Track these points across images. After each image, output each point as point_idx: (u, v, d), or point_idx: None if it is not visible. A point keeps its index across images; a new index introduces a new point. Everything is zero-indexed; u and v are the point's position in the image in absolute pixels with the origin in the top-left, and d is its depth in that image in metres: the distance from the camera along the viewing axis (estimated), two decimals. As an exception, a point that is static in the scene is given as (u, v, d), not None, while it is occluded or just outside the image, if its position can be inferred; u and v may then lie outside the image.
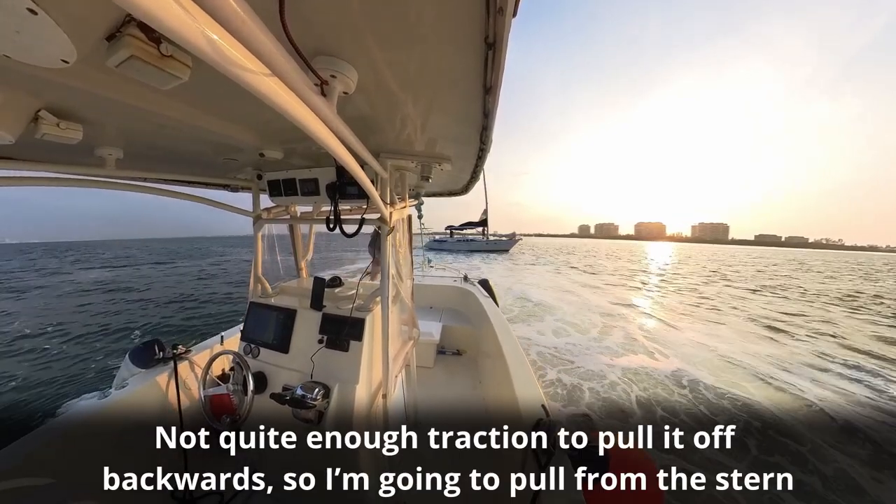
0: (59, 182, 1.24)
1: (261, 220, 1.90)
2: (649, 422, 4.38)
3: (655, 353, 6.55)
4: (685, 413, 4.49)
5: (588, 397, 4.77)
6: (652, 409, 4.54)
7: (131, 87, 0.75)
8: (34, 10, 0.42)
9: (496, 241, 39.23)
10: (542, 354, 6.22)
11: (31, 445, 1.37)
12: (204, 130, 1.10)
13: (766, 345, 7.65)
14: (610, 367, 5.76)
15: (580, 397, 4.76)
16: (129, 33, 0.49)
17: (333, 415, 1.42)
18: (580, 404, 4.59)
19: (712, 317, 10.26)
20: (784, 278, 24.55)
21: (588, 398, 4.75)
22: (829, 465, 3.43)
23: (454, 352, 3.81)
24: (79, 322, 9.48)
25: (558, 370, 5.57)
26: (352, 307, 1.57)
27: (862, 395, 5.15)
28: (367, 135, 1.22)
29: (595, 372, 5.53)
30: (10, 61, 0.53)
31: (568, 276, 18.94)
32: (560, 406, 4.51)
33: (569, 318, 9.02)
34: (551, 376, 5.33)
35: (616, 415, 4.39)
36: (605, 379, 5.29)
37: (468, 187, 2.70)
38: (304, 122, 0.57)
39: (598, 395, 4.86)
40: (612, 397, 4.79)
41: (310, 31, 0.58)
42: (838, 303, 14.50)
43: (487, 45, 0.61)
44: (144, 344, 2.00)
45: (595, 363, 5.90)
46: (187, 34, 0.33)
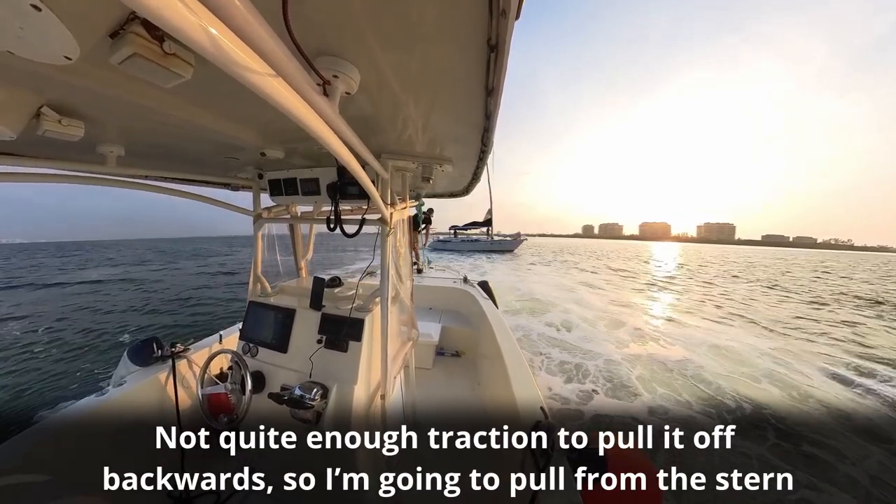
0: (60, 179, 1.24)
1: (261, 219, 1.90)
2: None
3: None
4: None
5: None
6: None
7: (134, 85, 0.75)
8: (38, 6, 0.42)
9: (501, 242, 38.89)
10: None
11: (29, 443, 1.37)
12: (205, 129, 1.10)
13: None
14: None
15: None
16: (133, 31, 0.49)
17: (332, 415, 1.41)
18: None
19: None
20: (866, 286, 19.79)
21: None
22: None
23: (453, 353, 3.81)
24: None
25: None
26: (351, 307, 1.57)
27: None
28: (369, 135, 1.22)
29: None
30: (12, 57, 0.53)
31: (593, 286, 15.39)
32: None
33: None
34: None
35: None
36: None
37: (469, 188, 2.70)
38: (305, 122, 0.57)
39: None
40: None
41: (312, 31, 0.58)
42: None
43: (490, 47, 0.61)
44: (142, 342, 2.00)
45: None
46: (190, 32, 0.33)
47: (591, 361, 6.08)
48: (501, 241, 39.29)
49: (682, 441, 1.43)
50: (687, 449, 1.44)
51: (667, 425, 4.00)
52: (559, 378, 5.41)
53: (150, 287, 15.90)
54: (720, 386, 5.31)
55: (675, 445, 1.43)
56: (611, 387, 5.18)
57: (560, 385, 5.19)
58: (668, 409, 4.60)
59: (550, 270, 21.92)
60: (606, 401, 4.79)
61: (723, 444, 1.33)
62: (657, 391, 5.08)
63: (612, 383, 5.28)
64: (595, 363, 6.02)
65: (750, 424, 4.26)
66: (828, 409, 4.73)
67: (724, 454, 3.24)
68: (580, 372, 5.66)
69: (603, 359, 6.23)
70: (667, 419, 4.36)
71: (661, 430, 1.42)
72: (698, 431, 1.35)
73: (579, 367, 5.82)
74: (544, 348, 6.72)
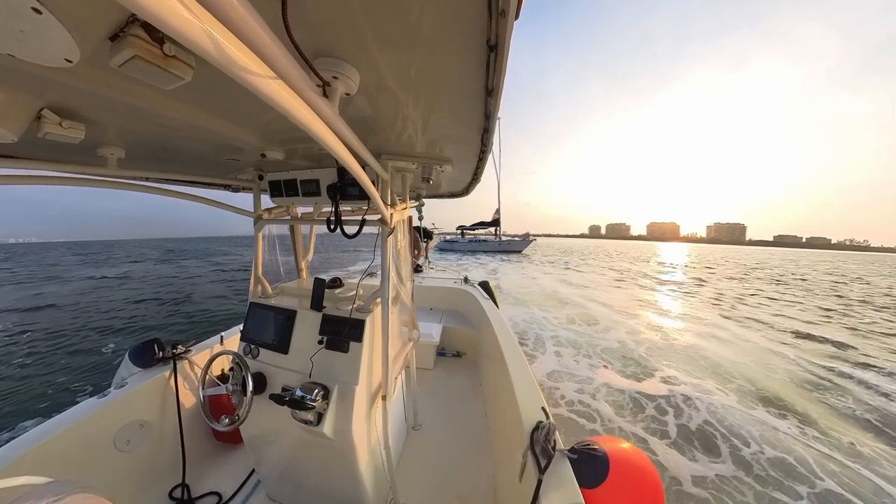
0: (61, 181, 1.24)
1: (261, 220, 1.91)
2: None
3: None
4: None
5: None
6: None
7: (134, 87, 0.75)
8: (38, 9, 0.42)
9: (509, 242, 38.57)
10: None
11: (30, 444, 1.37)
12: (206, 131, 1.10)
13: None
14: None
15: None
16: (133, 33, 0.49)
17: (332, 416, 1.41)
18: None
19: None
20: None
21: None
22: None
23: (454, 353, 3.81)
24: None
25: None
26: (352, 308, 1.57)
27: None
28: (369, 136, 1.22)
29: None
30: (13, 60, 0.53)
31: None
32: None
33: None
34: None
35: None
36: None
37: (469, 189, 2.71)
38: (305, 123, 0.57)
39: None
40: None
41: (312, 33, 0.58)
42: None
43: (489, 47, 0.61)
44: (144, 343, 2.00)
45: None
46: (190, 34, 0.33)
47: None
48: (510, 241, 38.99)
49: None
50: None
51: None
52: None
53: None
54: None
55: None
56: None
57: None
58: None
59: (592, 280, 18.08)
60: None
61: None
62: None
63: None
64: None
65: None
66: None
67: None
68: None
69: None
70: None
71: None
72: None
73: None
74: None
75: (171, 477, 1.89)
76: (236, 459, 2.15)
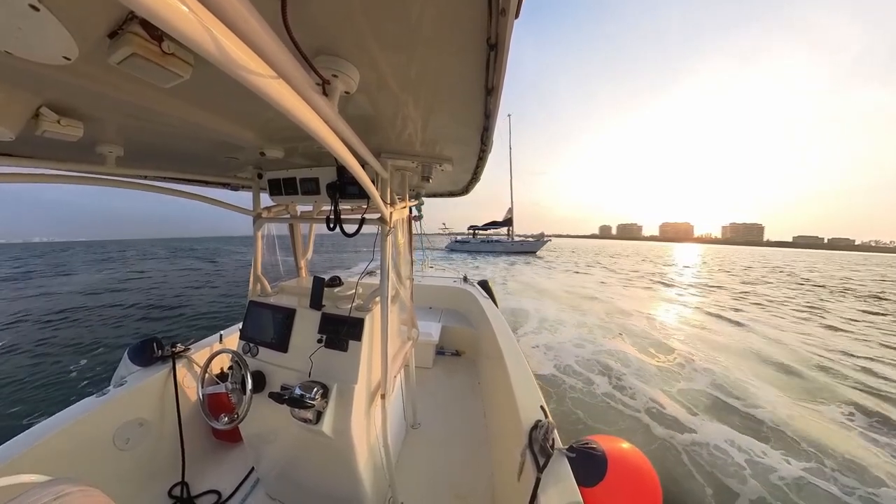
0: (59, 179, 1.24)
1: (261, 218, 1.90)
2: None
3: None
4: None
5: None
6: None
7: (132, 85, 0.75)
8: (36, 6, 0.42)
9: (522, 243, 37.14)
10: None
11: (29, 442, 1.37)
12: (205, 129, 1.10)
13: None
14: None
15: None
16: (132, 31, 0.49)
17: (332, 414, 1.41)
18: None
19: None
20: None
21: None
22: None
23: (453, 352, 3.81)
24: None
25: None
26: (351, 307, 1.57)
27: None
28: (368, 135, 1.22)
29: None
30: (11, 58, 0.53)
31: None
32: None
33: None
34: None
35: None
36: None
37: (469, 188, 2.71)
38: (305, 122, 0.57)
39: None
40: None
41: (312, 31, 0.58)
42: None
43: (489, 46, 0.61)
44: (143, 342, 2.00)
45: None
46: (189, 32, 0.33)
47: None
48: (523, 241, 37.52)
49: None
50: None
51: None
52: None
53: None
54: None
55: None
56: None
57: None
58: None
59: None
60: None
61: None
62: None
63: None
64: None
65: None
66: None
67: None
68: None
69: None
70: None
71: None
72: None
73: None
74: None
75: (170, 475, 1.89)
76: (235, 458, 2.15)
